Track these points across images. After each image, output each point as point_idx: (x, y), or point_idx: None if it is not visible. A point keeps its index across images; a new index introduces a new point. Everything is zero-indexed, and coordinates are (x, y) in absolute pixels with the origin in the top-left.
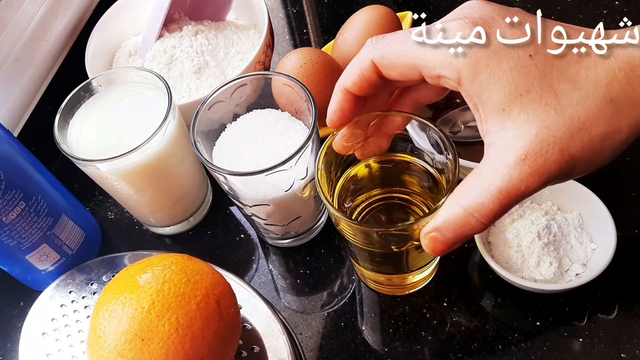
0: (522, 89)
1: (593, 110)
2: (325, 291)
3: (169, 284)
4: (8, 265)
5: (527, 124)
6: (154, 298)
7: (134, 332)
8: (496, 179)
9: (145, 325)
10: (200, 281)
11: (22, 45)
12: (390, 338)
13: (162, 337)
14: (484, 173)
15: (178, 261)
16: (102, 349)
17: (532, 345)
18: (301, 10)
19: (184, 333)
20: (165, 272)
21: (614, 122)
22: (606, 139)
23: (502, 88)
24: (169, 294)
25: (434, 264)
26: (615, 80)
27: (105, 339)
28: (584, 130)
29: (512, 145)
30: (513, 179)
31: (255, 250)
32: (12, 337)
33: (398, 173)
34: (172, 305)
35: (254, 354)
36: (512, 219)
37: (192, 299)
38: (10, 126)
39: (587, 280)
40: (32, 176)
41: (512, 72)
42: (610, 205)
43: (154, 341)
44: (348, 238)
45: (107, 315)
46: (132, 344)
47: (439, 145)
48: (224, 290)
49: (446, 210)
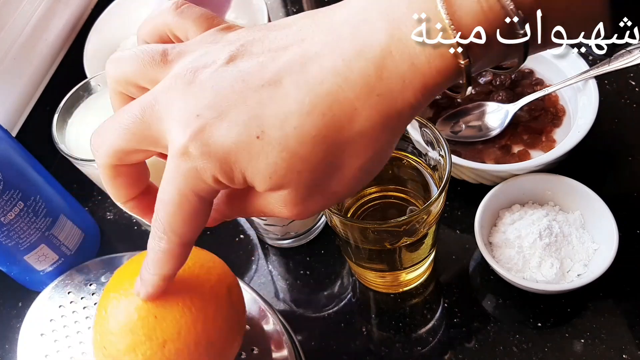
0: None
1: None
2: (325, 292)
3: (183, 265)
4: (6, 266)
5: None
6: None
7: (147, 309)
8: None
9: (160, 302)
10: (213, 267)
11: (20, 44)
12: (390, 339)
13: (176, 315)
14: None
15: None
16: (112, 326)
17: (533, 346)
18: (301, 9)
19: (197, 313)
20: None
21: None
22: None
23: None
24: (184, 274)
25: (427, 261)
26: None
27: (116, 316)
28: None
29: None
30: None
31: (254, 251)
32: (11, 337)
33: (393, 170)
34: (186, 285)
35: (253, 355)
36: (513, 220)
37: (205, 282)
38: (8, 126)
39: (588, 280)
40: (30, 176)
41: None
42: (611, 206)
43: (166, 319)
44: (341, 235)
45: (118, 295)
46: (144, 321)
47: (433, 143)
48: (233, 281)
49: None
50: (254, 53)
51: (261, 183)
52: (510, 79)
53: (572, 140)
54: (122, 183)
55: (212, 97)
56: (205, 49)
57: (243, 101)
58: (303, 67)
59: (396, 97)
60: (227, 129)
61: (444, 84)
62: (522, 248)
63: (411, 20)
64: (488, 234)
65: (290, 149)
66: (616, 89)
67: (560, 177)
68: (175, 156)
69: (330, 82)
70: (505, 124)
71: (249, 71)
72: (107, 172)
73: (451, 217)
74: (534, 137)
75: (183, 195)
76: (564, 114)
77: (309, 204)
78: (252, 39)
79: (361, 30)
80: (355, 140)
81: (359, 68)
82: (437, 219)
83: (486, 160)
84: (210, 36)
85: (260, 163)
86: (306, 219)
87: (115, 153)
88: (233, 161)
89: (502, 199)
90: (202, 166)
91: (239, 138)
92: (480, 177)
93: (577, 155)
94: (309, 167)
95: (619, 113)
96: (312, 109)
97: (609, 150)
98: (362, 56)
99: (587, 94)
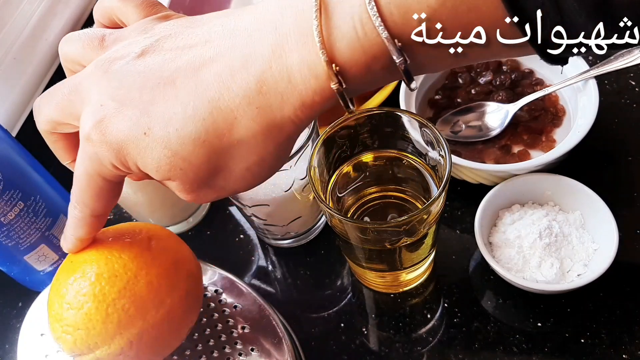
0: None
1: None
2: (325, 292)
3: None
4: (6, 266)
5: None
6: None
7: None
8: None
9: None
10: (175, 248)
11: (20, 44)
12: (390, 339)
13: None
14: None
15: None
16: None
17: (533, 346)
18: None
19: (146, 273)
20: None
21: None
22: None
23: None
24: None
25: (427, 261)
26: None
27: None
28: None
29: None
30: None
31: (255, 251)
32: (11, 337)
33: (393, 170)
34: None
35: (253, 355)
36: (513, 220)
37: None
38: (8, 126)
39: (588, 280)
40: (30, 176)
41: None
42: (611, 205)
43: (118, 279)
44: (341, 235)
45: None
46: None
47: (433, 143)
48: (193, 269)
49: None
50: (163, 49)
51: (152, 173)
52: (510, 79)
53: (572, 140)
54: (62, 147)
55: (117, 88)
56: (132, 39)
57: (139, 96)
58: (196, 70)
59: (275, 111)
60: (121, 122)
61: (325, 103)
62: (522, 248)
63: (293, 38)
64: (488, 234)
65: (172, 149)
66: (616, 89)
67: (560, 177)
68: (83, 139)
69: (215, 90)
70: (505, 124)
71: (152, 67)
72: (47, 137)
73: (451, 217)
74: (534, 137)
75: (89, 175)
76: (564, 114)
77: (201, 194)
78: (169, 34)
79: (253, 40)
80: (235, 146)
81: (241, 79)
82: (437, 219)
83: (486, 160)
84: (142, 25)
85: (147, 157)
86: (206, 202)
87: (49, 122)
88: (125, 153)
89: (502, 199)
90: (101, 153)
91: (130, 132)
92: (480, 177)
93: (577, 155)
94: (190, 166)
95: (619, 113)
96: (194, 113)
97: (609, 150)
98: (246, 68)
99: (587, 94)
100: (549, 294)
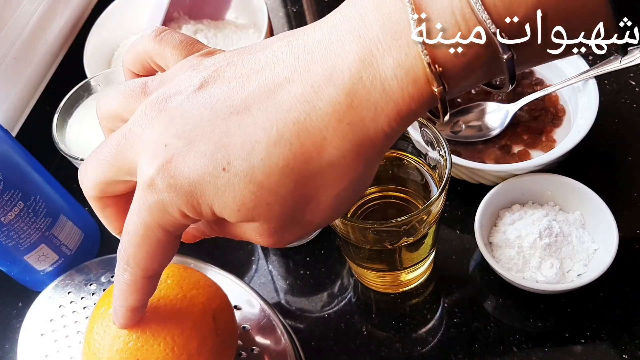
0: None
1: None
2: (325, 292)
3: (164, 301)
4: (6, 266)
5: None
6: (149, 316)
7: (129, 352)
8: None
9: (141, 344)
10: (196, 296)
11: (20, 44)
12: (390, 339)
13: (158, 356)
14: None
15: (174, 274)
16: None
17: (533, 346)
18: (301, 9)
19: (180, 352)
20: (160, 288)
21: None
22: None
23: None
24: (164, 312)
25: (427, 261)
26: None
27: (100, 356)
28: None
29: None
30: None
31: (254, 251)
32: (11, 337)
33: (393, 170)
34: (167, 324)
35: (253, 355)
36: (513, 220)
37: (188, 316)
38: (8, 126)
39: (588, 280)
40: (30, 176)
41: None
42: (612, 206)
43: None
44: (341, 235)
45: (101, 332)
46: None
47: (433, 143)
48: (220, 304)
49: None
50: (225, 78)
51: (230, 216)
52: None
53: (572, 140)
54: (112, 213)
55: (181, 125)
56: (181, 76)
57: (211, 130)
58: (271, 93)
59: (368, 125)
60: (193, 161)
61: (419, 111)
62: (522, 248)
63: (383, 43)
64: (488, 234)
65: (257, 181)
66: (616, 89)
67: (560, 177)
68: (142, 188)
69: (299, 110)
70: (505, 124)
71: (218, 98)
72: (95, 204)
73: (451, 217)
74: (534, 137)
75: (148, 227)
76: (564, 114)
77: (285, 234)
78: (226, 63)
79: (333, 52)
80: (326, 170)
81: (327, 95)
82: (437, 219)
83: (486, 160)
84: (188, 62)
85: (227, 196)
86: (286, 245)
87: (97, 185)
88: (199, 194)
89: (502, 199)
90: (168, 200)
91: (205, 170)
92: (480, 177)
93: (577, 155)
94: (278, 199)
95: (619, 113)
96: (279, 139)
97: (609, 150)
98: (332, 82)
99: (587, 94)
100: (549, 294)
